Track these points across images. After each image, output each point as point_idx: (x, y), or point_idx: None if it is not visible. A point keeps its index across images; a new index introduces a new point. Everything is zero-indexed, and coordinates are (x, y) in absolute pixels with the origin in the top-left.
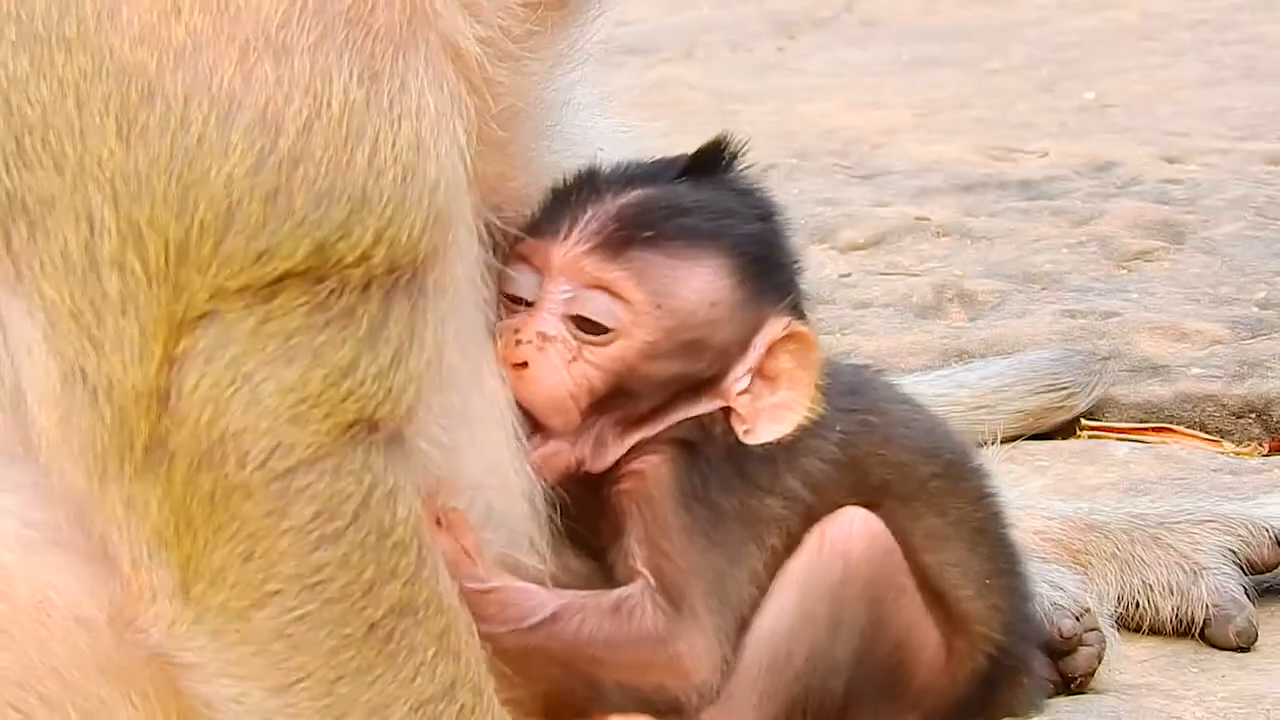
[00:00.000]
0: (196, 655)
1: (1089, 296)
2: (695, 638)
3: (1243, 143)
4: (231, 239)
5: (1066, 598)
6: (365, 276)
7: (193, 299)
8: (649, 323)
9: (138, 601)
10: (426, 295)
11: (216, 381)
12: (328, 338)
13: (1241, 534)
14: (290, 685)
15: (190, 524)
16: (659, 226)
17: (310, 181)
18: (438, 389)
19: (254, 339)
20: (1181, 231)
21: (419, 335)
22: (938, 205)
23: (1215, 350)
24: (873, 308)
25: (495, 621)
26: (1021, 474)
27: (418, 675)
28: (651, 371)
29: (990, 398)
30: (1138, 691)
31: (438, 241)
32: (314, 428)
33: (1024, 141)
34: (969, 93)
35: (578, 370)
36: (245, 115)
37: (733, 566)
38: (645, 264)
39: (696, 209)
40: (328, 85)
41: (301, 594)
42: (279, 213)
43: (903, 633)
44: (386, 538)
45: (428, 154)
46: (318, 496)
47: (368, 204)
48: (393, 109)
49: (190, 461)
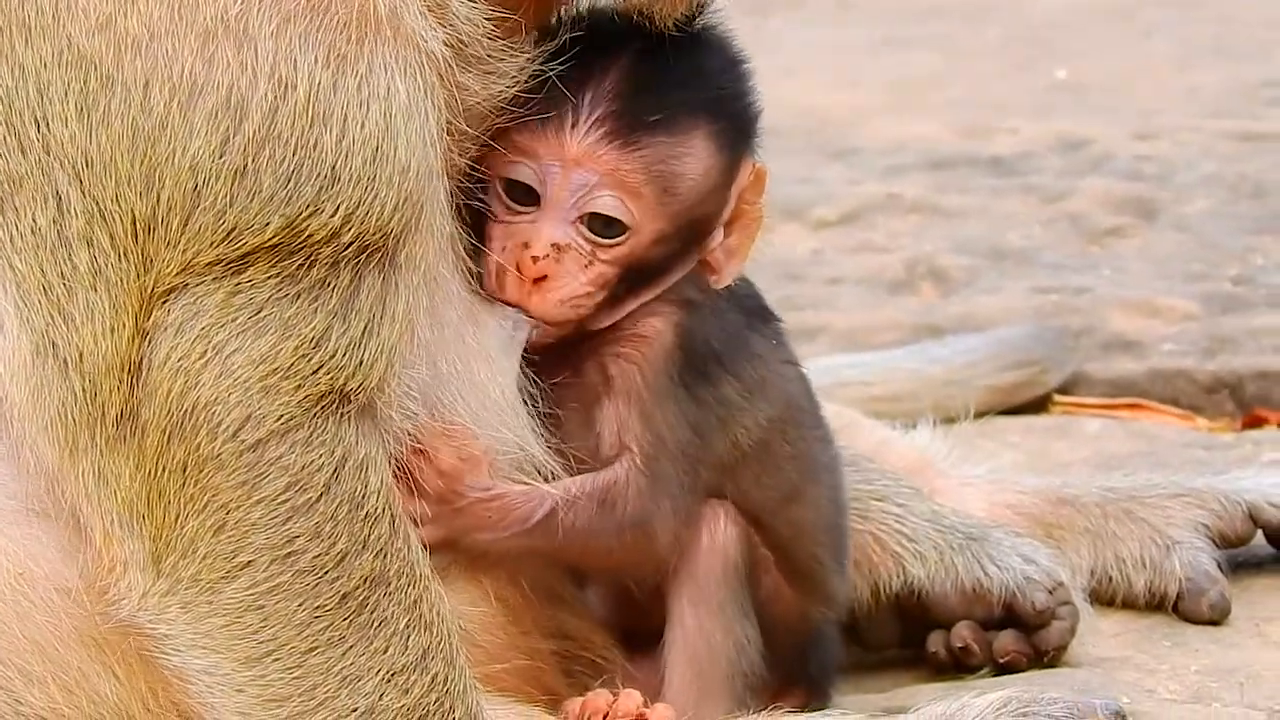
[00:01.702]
0: (168, 627)
1: (1061, 273)
2: (667, 517)
3: (1214, 120)
4: (200, 216)
5: (1039, 571)
6: (336, 252)
7: (162, 272)
8: (659, 211)
9: (109, 573)
10: (398, 269)
11: (187, 353)
12: (298, 309)
13: (1214, 508)
14: (262, 657)
15: (162, 496)
16: (660, 105)
17: (278, 162)
18: (410, 362)
19: (224, 311)
20: (1153, 208)
21: (390, 308)
22: (909, 182)
23: (1187, 326)
24: (844, 284)
25: (499, 528)
26: (993, 449)
27: (390, 646)
28: (659, 254)
29: (962, 373)
30: (1111, 665)
31: (409, 221)
32: (285, 399)
33: (996, 120)
34: (943, 72)
35: (593, 272)
36: (209, 99)
37: (704, 451)
38: (653, 150)
39: (689, 77)
40: (293, 69)
41: (273, 565)
42: (247, 191)
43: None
44: (359, 509)
45: (398, 137)
46: (289, 468)
47: (338, 184)
48: (360, 91)
49: (162, 433)
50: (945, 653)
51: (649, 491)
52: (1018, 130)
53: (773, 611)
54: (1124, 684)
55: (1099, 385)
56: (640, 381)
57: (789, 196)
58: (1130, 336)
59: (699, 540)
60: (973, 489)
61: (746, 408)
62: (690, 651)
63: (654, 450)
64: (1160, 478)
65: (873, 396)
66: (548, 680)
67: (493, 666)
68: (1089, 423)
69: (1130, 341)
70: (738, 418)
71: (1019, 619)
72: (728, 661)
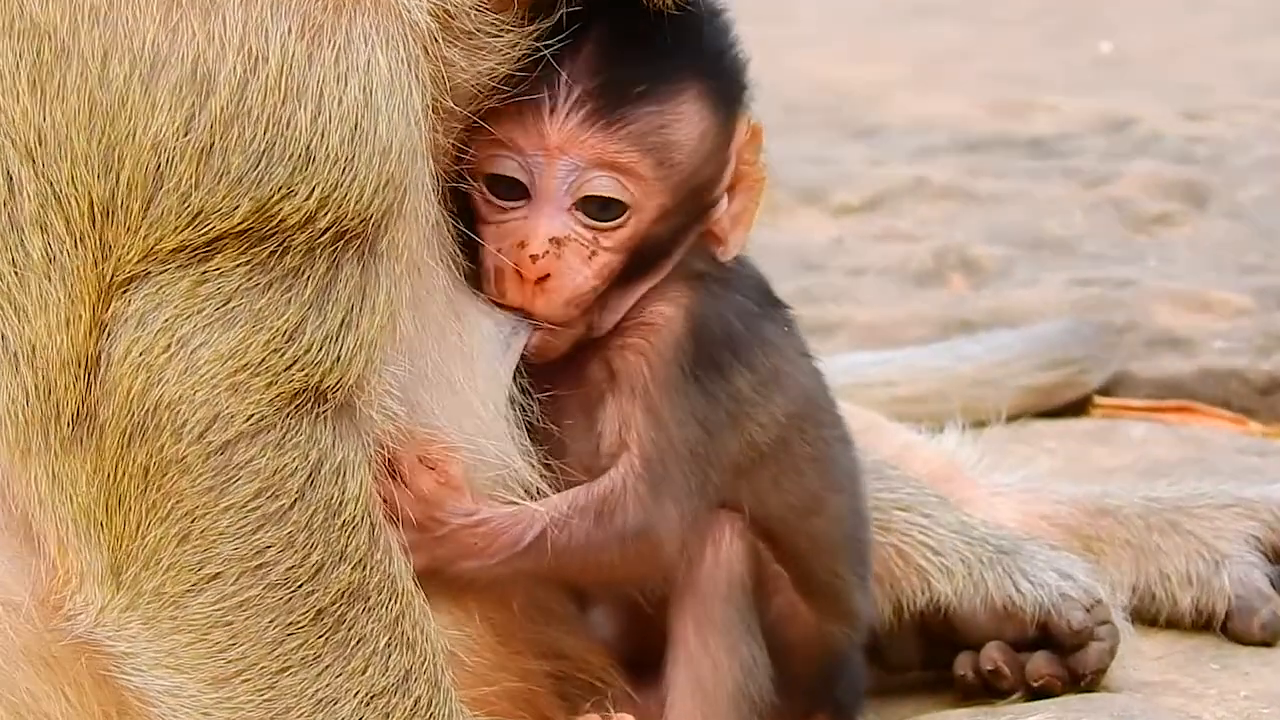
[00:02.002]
0: (128, 644)
1: (1103, 264)
2: (672, 523)
3: (1271, 98)
4: (163, 199)
5: (1076, 588)
6: (310, 238)
7: (122, 260)
8: (659, 185)
9: (64, 586)
10: (379, 258)
11: (149, 347)
12: (270, 300)
13: (1267, 519)
14: (230, 677)
15: (122, 502)
16: (643, 74)
17: (247, 141)
18: (391, 358)
19: (190, 301)
20: (1204, 194)
21: (370, 298)
22: (939, 165)
23: (1240, 322)
24: (867, 275)
25: (486, 555)
26: (1028, 455)
27: (369, 666)
28: (663, 230)
29: (995, 372)
30: (1153, 689)
31: (390, 205)
32: (255, 397)
33: (1034, 97)
34: (974, 44)
35: (598, 263)
36: (172, 73)
37: (715, 450)
38: (643, 124)
39: (668, 39)
40: (264, 41)
41: (242, 578)
42: (214, 172)
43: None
44: (335, 517)
45: (378, 114)
46: (260, 472)
47: (312, 164)
48: (338, 64)
49: (121, 434)
50: (973, 675)
51: (650, 496)
52: (1057, 108)
53: (789, 633)
54: (1167, 710)
55: (1144, 386)
56: (647, 373)
57: (806, 179)
58: (1178, 333)
59: (703, 555)
60: (1004, 498)
61: (761, 402)
62: (693, 673)
63: (657, 450)
64: (1209, 487)
65: (897, 397)
66: (541, 704)
67: (481, 689)
68: (1133, 426)
69: (1178, 338)
70: (752, 414)
71: (1054, 640)
72: (734, 684)
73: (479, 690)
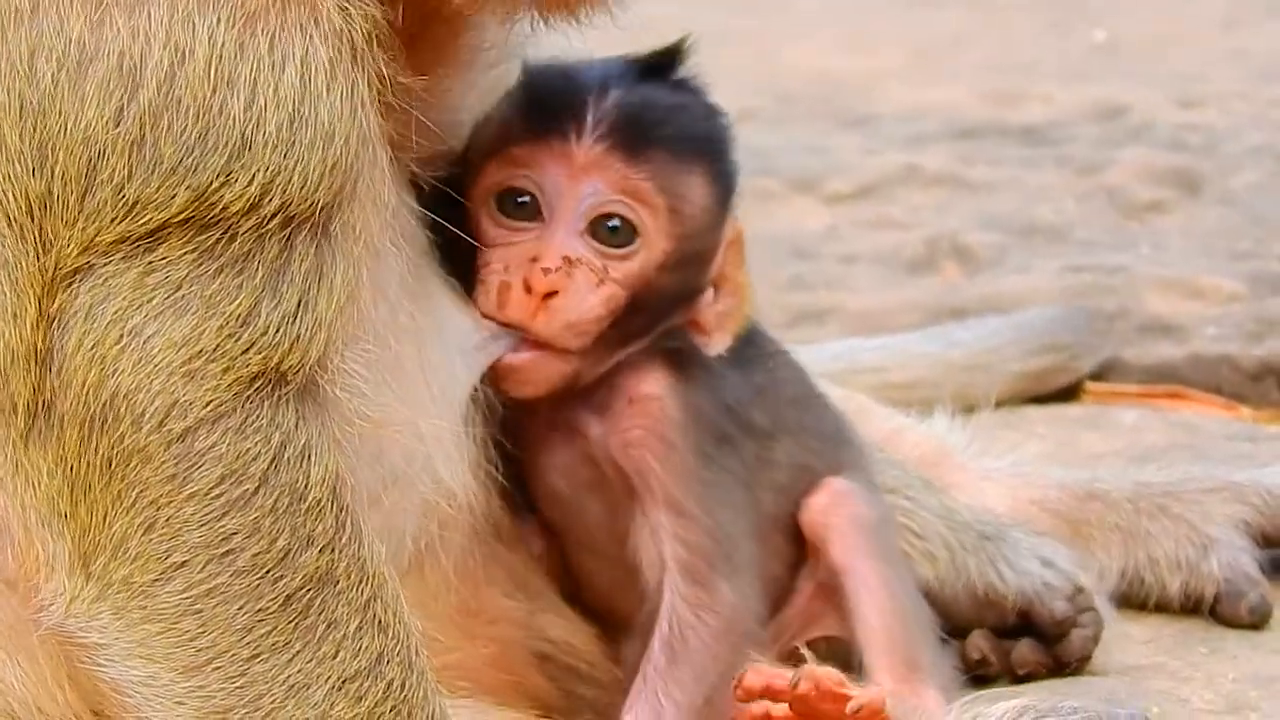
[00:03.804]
0: (100, 635)
1: (1096, 251)
2: (739, 601)
3: (1264, 86)
4: (97, 191)
5: (1059, 576)
6: (259, 224)
7: (63, 253)
8: (667, 229)
9: (35, 574)
10: (333, 239)
11: (100, 339)
12: (221, 285)
13: (1256, 503)
14: (202, 666)
15: (87, 493)
16: (665, 127)
17: (178, 131)
18: (353, 338)
19: (138, 291)
20: (1197, 181)
21: (327, 278)
22: (931, 153)
23: (1232, 308)
24: (860, 263)
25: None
26: (1018, 441)
27: (340, 650)
28: (664, 284)
29: (986, 358)
30: (1141, 673)
31: (340, 189)
32: (212, 383)
33: (1026, 85)
34: (967, 32)
35: (604, 293)
36: (99, 68)
37: (745, 516)
38: (661, 165)
39: (685, 111)
40: (190, 34)
41: (209, 566)
42: (146, 163)
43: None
44: (300, 501)
45: (318, 99)
46: (222, 458)
47: (249, 151)
48: (273, 51)
49: (81, 426)
50: (959, 663)
51: (705, 600)
52: (1050, 96)
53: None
54: (1155, 693)
55: (1135, 372)
56: (658, 469)
57: (800, 168)
58: (1170, 319)
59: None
60: (993, 483)
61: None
62: (879, 609)
63: (689, 550)
64: (1199, 471)
65: (888, 383)
66: (533, 688)
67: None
68: (1124, 412)
69: (1170, 325)
70: (769, 466)
71: (1036, 628)
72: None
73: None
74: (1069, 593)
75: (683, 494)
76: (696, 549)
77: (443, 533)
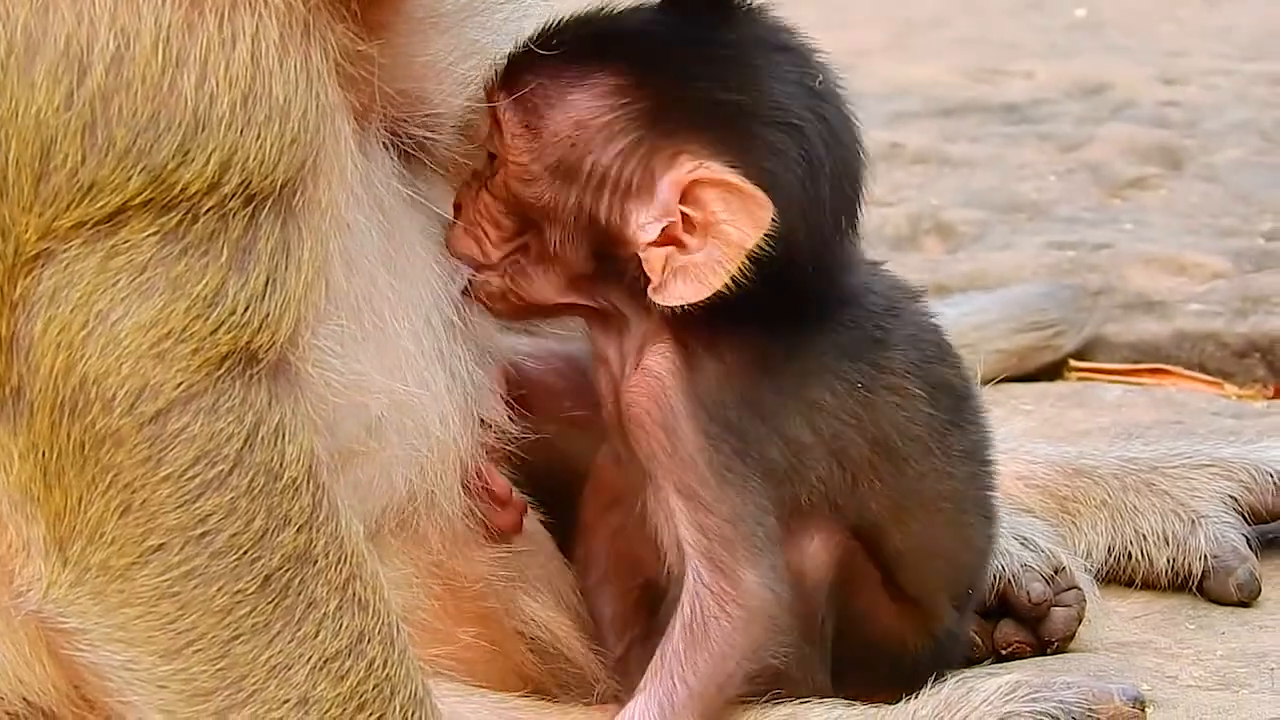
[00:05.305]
0: (79, 620)
1: (1078, 227)
2: (765, 585)
3: (1247, 63)
4: (52, 176)
5: (1038, 557)
6: (220, 203)
7: (22, 239)
8: (520, 146)
9: (13, 559)
10: (298, 215)
11: (66, 324)
12: (187, 266)
13: (1243, 479)
14: (182, 648)
15: (61, 477)
16: (556, 47)
17: (128, 114)
18: (326, 313)
19: (102, 276)
20: (1180, 158)
21: (295, 255)
22: (913, 130)
23: (1216, 285)
24: None
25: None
26: (1003, 417)
27: (320, 630)
28: (533, 195)
29: (970, 336)
30: (1129, 649)
31: (301, 165)
32: (183, 365)
33: (1008, 62)
34: (948, 10)
35: (482, 200)
36: (47, 54)
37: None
38: (528, 89)
39: (612, 31)
40: (135, 16)
41: (186, 547)
42: (99, 146)
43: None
44: (276, 480)
45: (271, 75)
46: (195, 439)
47: (204, 130)
48: (222, 30)
49: (52, 411)
50: None
51: (728, 590)
52: (1032, 73)
53: (866, 627)
54: (1144, 669)
55: (1119, 349)
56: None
57: None
58: (1154, 296)
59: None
60: None
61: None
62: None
63: (707, 536)
64: (1185, 446)
65: None
66: (524, 668)
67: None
68: (1108, 389)
69: (1154, 301)
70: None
71: (1013, 611)
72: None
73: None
74: (1047, 574)
75: (694, 479)
76: (715, 534)
77: (431, 490)
